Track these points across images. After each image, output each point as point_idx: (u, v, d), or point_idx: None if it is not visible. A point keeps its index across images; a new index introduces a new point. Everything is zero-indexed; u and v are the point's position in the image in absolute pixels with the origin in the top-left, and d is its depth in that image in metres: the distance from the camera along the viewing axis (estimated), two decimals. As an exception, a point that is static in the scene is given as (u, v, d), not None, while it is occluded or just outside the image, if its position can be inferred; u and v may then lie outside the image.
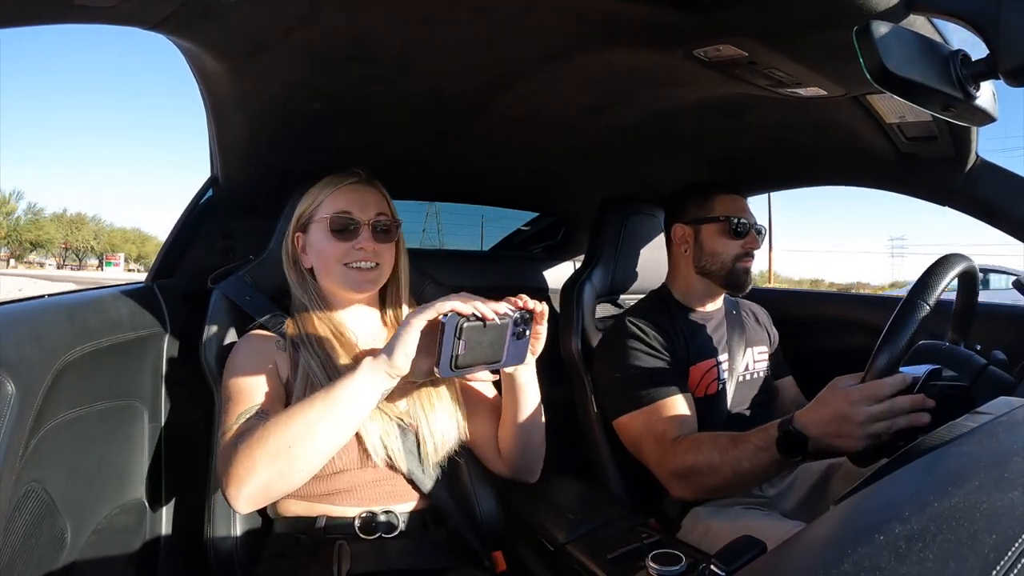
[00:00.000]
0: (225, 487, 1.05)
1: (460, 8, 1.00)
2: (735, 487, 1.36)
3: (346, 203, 1.28)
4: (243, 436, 1.06)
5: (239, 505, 1.05)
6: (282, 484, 1.06)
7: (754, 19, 0.97)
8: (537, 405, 1.28)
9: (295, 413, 1.06)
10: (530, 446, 1.32)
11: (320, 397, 1.06)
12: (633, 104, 1.45)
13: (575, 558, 1.30)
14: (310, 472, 1.07)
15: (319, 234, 1.29)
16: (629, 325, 1.63)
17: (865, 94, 1.25)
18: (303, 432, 1.03)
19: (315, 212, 1.30)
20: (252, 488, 1.03)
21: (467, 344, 1.02)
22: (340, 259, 1.28)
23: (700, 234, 1.69)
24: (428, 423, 1.25)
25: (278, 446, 1.03)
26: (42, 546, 1.05)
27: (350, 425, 1.09)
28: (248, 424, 1.10)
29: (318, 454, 1.06)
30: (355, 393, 1.06)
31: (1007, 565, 0.39)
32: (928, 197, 1.59)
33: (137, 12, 0.91)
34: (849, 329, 2.08)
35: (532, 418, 1.27)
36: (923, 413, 1.06)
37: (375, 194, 1.33)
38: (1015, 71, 0.77)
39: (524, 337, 1.10)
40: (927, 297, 1.08)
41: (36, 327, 1.09)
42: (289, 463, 1.03)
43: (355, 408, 1.07)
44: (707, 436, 1.41)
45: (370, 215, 1.29)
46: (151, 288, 1.54)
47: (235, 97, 1.24)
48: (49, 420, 1.07)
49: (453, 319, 1.01)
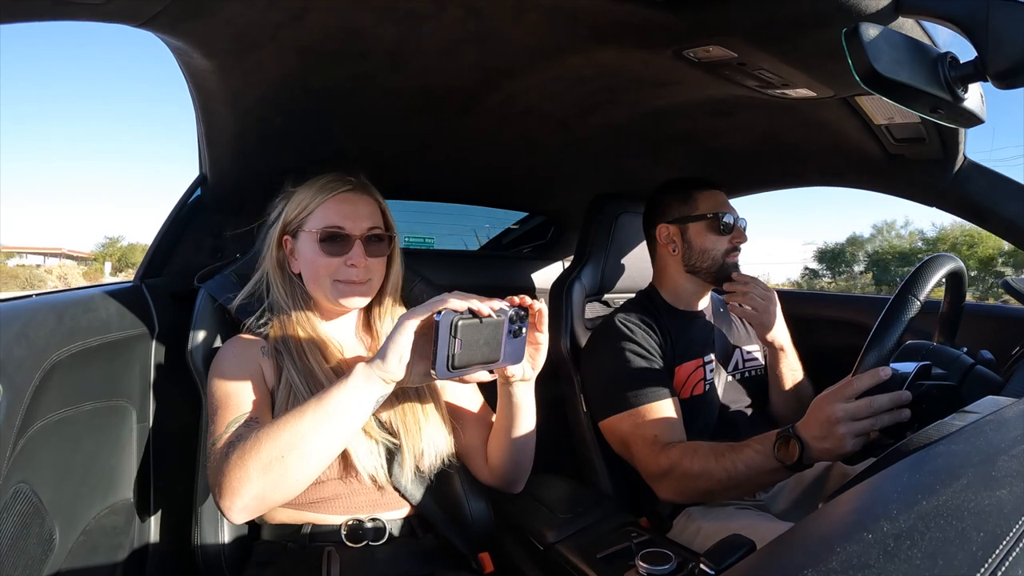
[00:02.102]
0: (219, 498, 1.02)
1: (450, 6, 0.99)
2: (728, 492, 1.36)
3: (338, 215, 1.24)
4: (234, 446, 1.04)
5: (234, 516, 1.02)
6: (277, 494, 1.03)
7: (743, 20, 0.97)
8: (532, 422, 1.26)
9: (287, 422, 1.03)
10: (520, 461, 1.31)
11: (312, 405, 1.04)
12: (623, 103, 1.45)
13: (565, 557, 1.30)
14: (305, 481, 1.05)
15: (308, 245, 1.25)
16: (618, 325, 1.63)
17: (854, 95, 1.26)
18: (296, 442, 1.01)
19: (305, 221, 1.26)
20: (247, 499, 1.01)
21: (463, 343, 0.98)
22: (330, 275, 1.25)
23: (687, 233, 1.68)
24: (415, 438, 1.23)
25: (271, 456, 1.00)
26: (30, 548, 1.03)
27: (344, 433, 1.06)
28: (239, 433, 1.08)
29: (312, 463, 1.03)
30: (349, 401, 1.03)
31: (995, 563, 0.39)
32: (916, 198, 1.60)
33: (126, 9, 0.90)
34: (841, 329, 2.10)
35: (526, 435, 1.26)
36: (904, 409, 1.07)
37: (369, 203, 1.29)
38: (1003, 74, 0.78)
39: (521, 335, 1.07)
40: (916, 294, 1.09)
41: (24, 326, 1.08)
42: (283, 473, 1.01)
43: (349, 416, 1.04)
44: (704, 443, 1.41)
45: (362, 228, 1.25)
46: (139, 288, 1.52)
47: (224, 94, 1.23)
48: (37, 420, 1.06)
49: (448, 316, 0.97)
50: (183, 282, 1.53)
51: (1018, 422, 0.69)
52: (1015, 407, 0.74)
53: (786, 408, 1.80)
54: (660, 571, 1.10)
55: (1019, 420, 0.70)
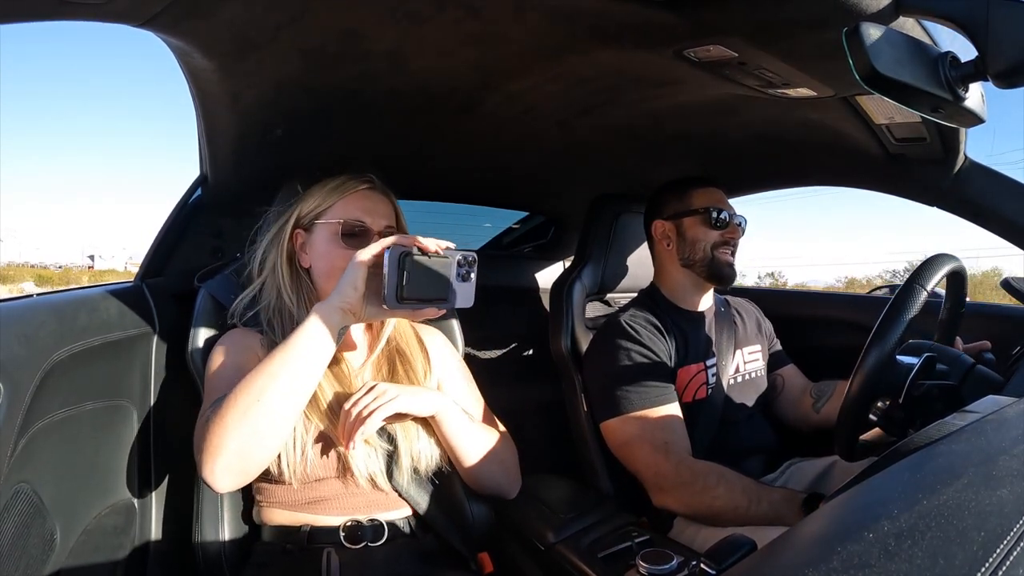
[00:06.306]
0: (202, 465, 1.02)
1: (450, 6, 0.99)
2: (736, 521, 1.36)
3: (358, 210, 1.26)
4: (214, 410, 1.05)
5: (217, 480, 1.02)
6: (257, 448, 1.03)
7: (744, 20, 0.97)
8: (478, 439, 1.28)
9: (259, 369, 1.05)
10: (490, 479, 1.32)
11: (279, 348, 1.07)
12: (623, 103, 1.45)
13: (565, 557, 1.30)
14: (283, 430, 1.06)
15: (325, 237, 1.26)
16: (623, 325, 1.63)
17: (854, 95, 1.25)
18: (268, 383, 1.02)
19: (323, 214, 1.27)
20: (228, 456, 1.00)
21: (411, 275, 1.06)
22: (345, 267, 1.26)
23: (681, 227, 1.70)
24: (413, 441, 1.24)
25: (247, 402, 1.01)
26: (31, 547, 1.04)
27: (313, 369, 1.08)
28: (218, 400, 1.08)
29: (287, 405, 1.04)
30: (312, 335, 1.06)
31: (995, 562, 0.39)
32: (917, 198, 1.60)
33: (127, 9, 0.90)
34: (841, 329, 2.09)
35: (480, 459, 1.27)
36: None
37: (386, 203, 1.31)
38: (1003, 73, 0.77)
39: (470, 280, 1.13)
40: (924, 284, 1.09)
41: (25, 326, 1.08)
42: (260, 419, 1.01)
43: (315, 351, 1.07)
44: (734, 473, 1.43)
45: (380, 225, 1.27)
46: (140, 288, 1.52)
47: (225, 95, 1.23)
48: (38, 420, 1.06)
49: (396, 250, 1.05)
50: (184, 282, 1.53)
51: (1019, 421, 0.69)
52: (1016, 407, 0.74)
53: (787, 409, 1.80)
54: (661, 571, 1.10)
55: (1020, 419, 0.70)
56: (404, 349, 1.35)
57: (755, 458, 1.64)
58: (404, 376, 1.30)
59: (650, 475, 1.49)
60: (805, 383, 1.84)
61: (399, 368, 1.32)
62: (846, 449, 1.15)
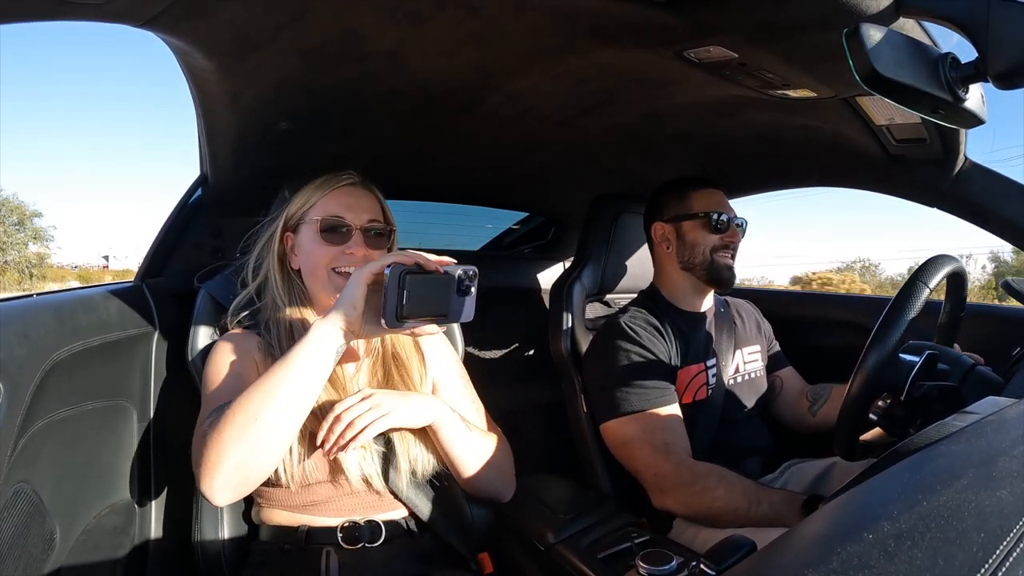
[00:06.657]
0: (200, 479, 1.02)
1: (450, 6, 0.99)
2: (735, 523, 1.36)
3: (339, 206, 1.26)
4: (212, 424, 1.04)
5: (216, 494, 1.01)
6: (255, 464, 1.03)
7: (744, 20, 0.97)
8: (475, 445, 1.28)
9: (256, 386, 1.04)
10: (485, 481, 1.31)
11: (278, 366, 1.05)
12: (623, 104, 1.45)
13: (565, 558, 1.30)
14: (281, 446, 1.05)
15: (308, 236, 1.27)
16: (623, 326, 1.62)
17: (854, 96, 1.25)
18: (266, 400, 1.01)
19: (307, 213, 1.28)
20: (227, 472, 1.00)
21: (410, 294, 1.04)
22: (328, 263, 1.25)
23: (681, 230, 1.70)
24: (410, 444, 1.24)
25: (245, 419, 1.00)
26: (31, 547, 1.04)
27: (311, 386, 1.06)
28: (216, 413, 1.07)
29: (284, 422, 1.03)
30: (311, 353, 1.05)
31: (995, 563, 0.39)
32: (917, 199, 1.60)
33: (127, 9, 0.90)
34: (841, 329, 2.09)
35: (473, 459, 1.27)
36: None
37: (369, 198, 1.31)
38: (1003, 74, 0.77)
39: (470, 294, 1.10)
40: (927, 281, 1.09)
41: (25, 326, 1.08)
42: (258, 436, 1.00)
43: (313, 368, 1.05)
44: (735, 475, 1.43)
45: (363, 220, 1.27)
46: (140, 288, 1.53)
47: (225, 95, 1.23)
48: (37, 420, 1.06)
49: (396, 269, 1.03)
50: (184, 282, 1.54)
51: (1019, 423, 0.69)
52: (1016, 408, 0.74)
53: (784, 411, 1.81)
54: (661, 571, 1.10)
55: (1020, 421, 0.70)
56: (400, 353, 1.35)
57: (754, 458, 1.65)
58: (399, 381, 1.30)
59: (650, 476, 1.49)
60: (803, 386, 1.84)
61: (394, 373, 1.31)
62: (846, 448, 1.15)
